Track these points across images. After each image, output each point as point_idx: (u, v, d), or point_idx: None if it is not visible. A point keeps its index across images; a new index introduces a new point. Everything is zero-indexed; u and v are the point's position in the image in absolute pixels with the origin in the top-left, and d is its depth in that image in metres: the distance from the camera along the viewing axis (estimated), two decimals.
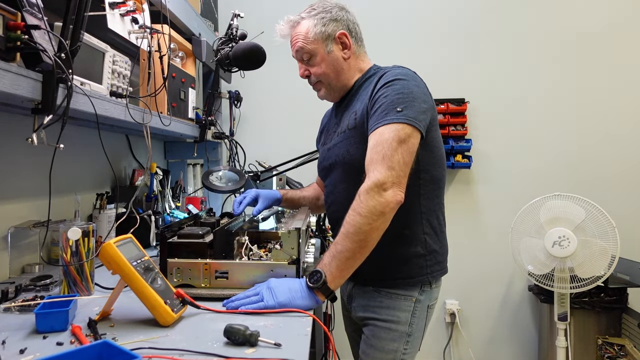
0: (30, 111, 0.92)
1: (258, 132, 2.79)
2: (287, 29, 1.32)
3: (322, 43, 1.27)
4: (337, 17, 1.28)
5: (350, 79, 1.31)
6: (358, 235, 1.04)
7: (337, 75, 1.29)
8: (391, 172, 1.06)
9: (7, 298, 1.03)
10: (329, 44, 1.27)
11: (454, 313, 2.72)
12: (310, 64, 1.30)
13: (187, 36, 1.91)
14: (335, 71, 1.29)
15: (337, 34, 1.27)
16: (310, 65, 1.30)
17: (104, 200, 1.59)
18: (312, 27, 1.27)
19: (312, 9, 1.29)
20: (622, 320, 2.32)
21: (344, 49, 1.29)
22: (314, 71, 1.30)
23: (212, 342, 0.82)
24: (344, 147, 1.25)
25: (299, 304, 1.00)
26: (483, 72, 2.71)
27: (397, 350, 1.21)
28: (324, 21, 1.27)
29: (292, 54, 1.34)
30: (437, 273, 1.25)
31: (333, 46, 1.28)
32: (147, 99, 1.38)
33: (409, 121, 1.10)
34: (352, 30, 1.31)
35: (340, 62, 1.29)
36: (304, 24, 1.28)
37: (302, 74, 1.33)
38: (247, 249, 1.17)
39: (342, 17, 1.29)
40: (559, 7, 2.67)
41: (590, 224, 2.08)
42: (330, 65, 1.28)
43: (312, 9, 1.30)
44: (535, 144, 2.69)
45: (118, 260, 0.89)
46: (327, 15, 1.28)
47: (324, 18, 1.27)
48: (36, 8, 0.88)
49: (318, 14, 1.28)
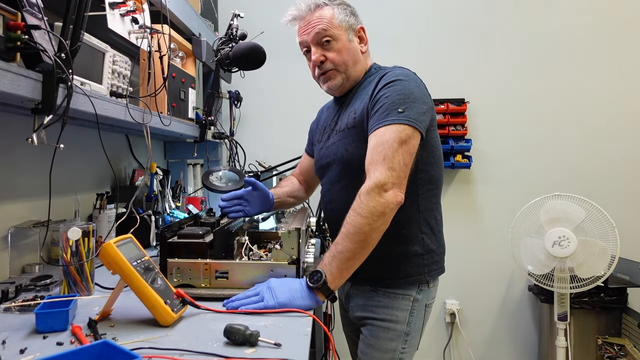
0: (30, 111, 0.92)
1: (258, 132, 2.79)
2: (305, 11, 1.27)
3: (345, 31, 1.27)
4: (355, 12, 1.31)
5: (362, 72, 1.32)
6: (358, 236, 1.05)
7: (355, 65, 1.29)
8: (392, 173, 1.06)
9: (7, 298, 1.03)
10: (350, 34, 1.28)
11: (454, 313, 2.72)
12: (329, 49, 1.26)
13: (187, 36, 1.91)
14: (354, 60, 1.28)
15: (357, 27, 1.30)
16: (328, 50, 1.26)
17: (104, 200, 1.59)
18: (338, 14, 1.26)
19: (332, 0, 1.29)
20: (622, 320, 2.32)
21: (360, 42, 1.31)
22: (333, 57, 1.26)
23: (212, 342, 0.82)
24: (343, 146, 1.25)
25: (299, 304, 1.00)
26: (483, 72, 2.71)
27: (395, 349, 1.21)
28: (347, 12, 1.29)
29: (303, 39, 1.28)
30: (434, 272, 1.25)
31: (354, 37, 1.29)
32: (147, 99, 1.38)
33: (410, 122, 1.10)
34: None
35: (359, 54, 1.30)
36: (327, 9, 1.27)
37: (317, 59, 1.25)
38: (247, 249, 1.17)
39: (358, 15, 1.32)
40: (559, 7, 2.67)
41: (590, 224, 2.08)
42: (350, 53, 1.27)
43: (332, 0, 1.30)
44: (535, 144, 2.69)
45: (118, 260, 0.89)
46: (349, 8, 1.30)
47: (347, 9, 1.29)
48: (36, 8, 0.88)
49: (341, 4, 1.29)
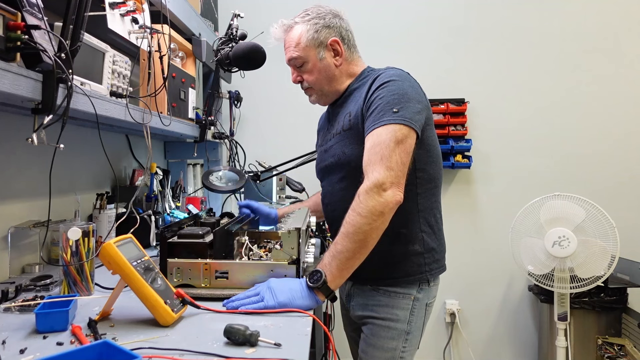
0: (30, 111, 0.92)
1: (258, 132, 2.79)
2: (281, 33, 1.33)
3: (314, 50, 1.28)
4: (330, 24, 1.29)
5: (341, 84, 1.32)
6: (358, 235, 1.05)
7: (329, 81, 1.31)
8: (390, 173, 1.06)
9: (7, 298, 1.03)
10: (321, 51, 1.28)
11: (454, 313, 2.72)
12: (303, 71, 1.32)
13: (187, 36, 1.91)
14: (327, 78, 1.30)
15: (329, 41, 1.28)
16: (302, 71, 1.32)
17: (104, 200, 1.58)
18: (305, 33, 1.27)
19: (307, 14, 1.30)
20: (622, 320, 2.32)
21: (335, 55, 1.30)
22: (306, 78, 1.32)
23: (212, 342, 0.82)
24: (340, 149, 1.26)
25: (299, 303, 1.00)
26: (483, 72, 2.71)
27: (396, 348, 1.22)
28: (316, 27, 1.27)
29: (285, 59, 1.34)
30: (435, 271, 1.26)
31: (325, 53, 1.29)
32: (147, 99, 1.38)
33: (406, 122, 1.11)
34: (345, 37, 1.31)
35: (332, 69, 1.30)
36: (296, 29, 1.29)
37: (295, 79, 1.35)
38: (247, 249, 1.17)
39: (335, 24, 1.30)
40: (559, 7, 2.67)
41: (590, 224, 2.08)
42: (322, 72, 1.29)
43: (307, 14, 1.30)
44: (535, 144, 2.69)
45: (118, 260, 0.89)
46: (321, 22, 1.28)
47: (317, 24, 1.28)
48: (36, 8, 0.88)
49: (312, 19, 1.28)
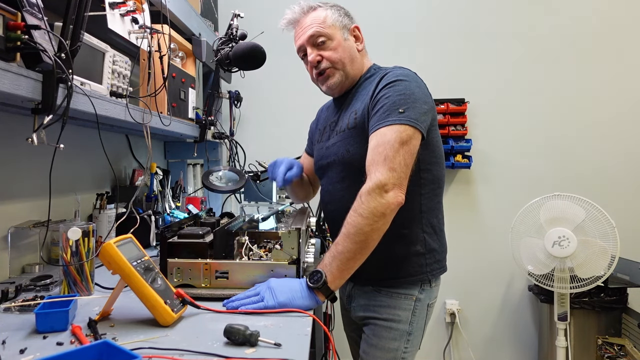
0: (30, 111, 0.92)
1: (258, 132, 2.79)
2: (299, 14, 1.30)
3: (339, 30, 1.29)
4: (349, 14, 1.34)
5: (359, 70, 1.32)
6: (359, 236, 1.05)
7: (352, 62, 1.29)
8: (393, 174, 1.06)
9: (7, 298, 1.03)
10: (345, 33, 1.29)
11: (454, 313, 2.72)
12: (324, 48, 1.27)
13: (187, 36, 1.91)
14: (350, 58, 1.29)
15: (352, 26, 1.31)
16: (324, 49, 1.27)
17: (104, 200, 1.59)
18: (331, 15, 1.29)
19: (326, 3, 1.33)
20: (622, 320, 2.31)
21: (356, 41, 1.32)
22: (329, 55, 1.26)
23: (212, 342, 0.82)
24: (344, 146, 1.25)
25: (299, 304, 1.00)
26: (483, 72, 2.71)
27: (397, 349, 1.21)
28: (340, 12, 1.31)
29: (299, 43, 1.30)
30: (436, 272, 1.26)
31: (349, 36, 1.30)
32: (147, 99, 1.38)
33: (411, 122, 1.10)
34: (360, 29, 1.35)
35: (355, 52, 1.31)
36: (320, 11, 1.29)
37: (314, 59, 1.27)
38: (247, 249, 1.17)
39: (353, 16, 1.34)
40: (559, 7, 2.67)
41: (590, 224, 2.08)
42: (347, 51, 1.28)
43: (325, 2, 1.33)
44: (536, 144, 2.69)
45: (118, 260, 0.89)
46: (342, 10, 1.33)
47: (340, 10, 1.32)
48: (36, 8, 0.88)
49: (334, 6, 1.32)
